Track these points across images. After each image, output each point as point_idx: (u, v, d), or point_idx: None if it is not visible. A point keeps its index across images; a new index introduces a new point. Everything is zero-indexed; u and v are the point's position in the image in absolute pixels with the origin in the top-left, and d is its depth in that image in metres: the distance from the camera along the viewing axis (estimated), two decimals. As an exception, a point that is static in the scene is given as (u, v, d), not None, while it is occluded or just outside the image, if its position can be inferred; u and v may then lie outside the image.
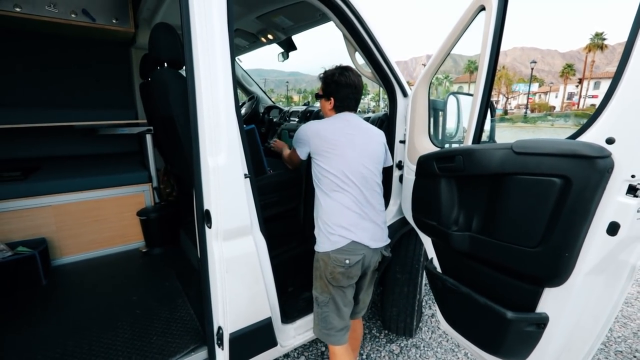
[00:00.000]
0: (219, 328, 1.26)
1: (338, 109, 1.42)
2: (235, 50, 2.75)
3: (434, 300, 2.53)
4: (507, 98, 52.90)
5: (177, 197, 2.47)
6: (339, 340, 1.35)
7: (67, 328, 1.48)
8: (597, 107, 0.93)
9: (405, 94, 1.74)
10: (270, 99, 3.82)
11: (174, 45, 1.41)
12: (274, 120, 3.20)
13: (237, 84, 1.90)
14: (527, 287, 1.06)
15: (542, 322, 1.04)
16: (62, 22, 1.99)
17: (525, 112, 32.72)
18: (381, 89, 1.76)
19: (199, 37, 1.04)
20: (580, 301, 0.99)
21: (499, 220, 1.09)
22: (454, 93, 1.95)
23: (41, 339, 1.41)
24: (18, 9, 1.86)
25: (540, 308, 1.05)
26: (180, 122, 1.34)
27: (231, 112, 1.12)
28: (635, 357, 1.95)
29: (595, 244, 0.91)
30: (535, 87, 64.29)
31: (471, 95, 1.38)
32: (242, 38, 2.64)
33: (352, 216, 1.29)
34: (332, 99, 1.40)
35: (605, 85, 46.33)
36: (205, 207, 1.16)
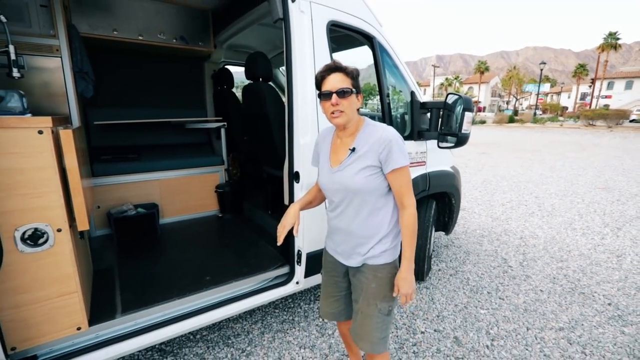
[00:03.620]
0: (299, 250, 1.95)
1: None
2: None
3: (440, 259, 3.20)
4: (517, 99, 52.82)
5: (240, 177, 3.19)
6: None
7: (192, 256, 2.20)
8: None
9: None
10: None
11: (268, 67, 2.10)
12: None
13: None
14: None
15: None
16: (167, 45, 2.72)
17: (535, 113, 32.79)
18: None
19: (298, 63, 1.72)
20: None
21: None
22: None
23: (177, 263, 2.13)
24: (141, 37, 2.59)
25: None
26: (272, 117, 2.04)
27: (313, 109, 1.81)
28: (593, 296, 2.57)
29: None
30: (547, 87, 63.66)
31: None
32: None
33: None
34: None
35: (619, 85, 45.77)
36: (296, 169, 1.84)
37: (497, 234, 3.92)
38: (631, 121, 23.40)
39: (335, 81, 1.17)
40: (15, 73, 1.36)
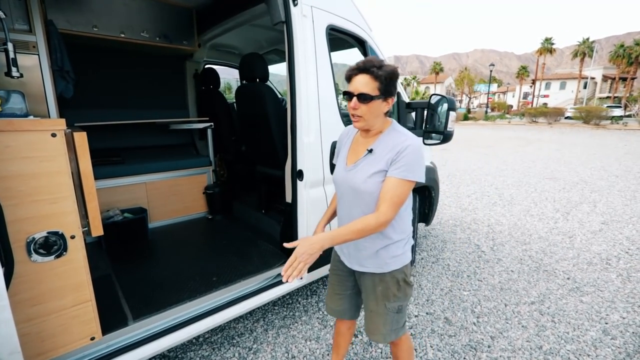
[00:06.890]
0: (303, 246, 2.01)
1: None
2: (269, 62, 3.46)
3: (421, 249, 3.40)
4: (470, 98, 56.78)
5: (227, 178, 3.16)
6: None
7: (192, 258, 2.17)
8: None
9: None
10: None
11: (265, 67, 2.13)
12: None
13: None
14: None
15: None
16: (150, 44, 2.62)
17: (487, 111, 35.42)
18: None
19: (301, 65, 1.78)
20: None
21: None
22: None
23: (178, 267, 2.09)
24: (123, 35, 2.47)
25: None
26: (272, 117, 2.08)
27: (316, 109, 1.88)
28: (554, 272, 2.93)
29: None
30: (494, 87, 68.89)
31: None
32: (276, 55, 3.36)
33: None
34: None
35: (555, 85, 50.93)
36: (299, 167, 1.90)
37: (468, 223, 4.26)
38: (566, 118, 26.12)
39: (360, 83, 1.10)
40: (15, 72, 1.28)
